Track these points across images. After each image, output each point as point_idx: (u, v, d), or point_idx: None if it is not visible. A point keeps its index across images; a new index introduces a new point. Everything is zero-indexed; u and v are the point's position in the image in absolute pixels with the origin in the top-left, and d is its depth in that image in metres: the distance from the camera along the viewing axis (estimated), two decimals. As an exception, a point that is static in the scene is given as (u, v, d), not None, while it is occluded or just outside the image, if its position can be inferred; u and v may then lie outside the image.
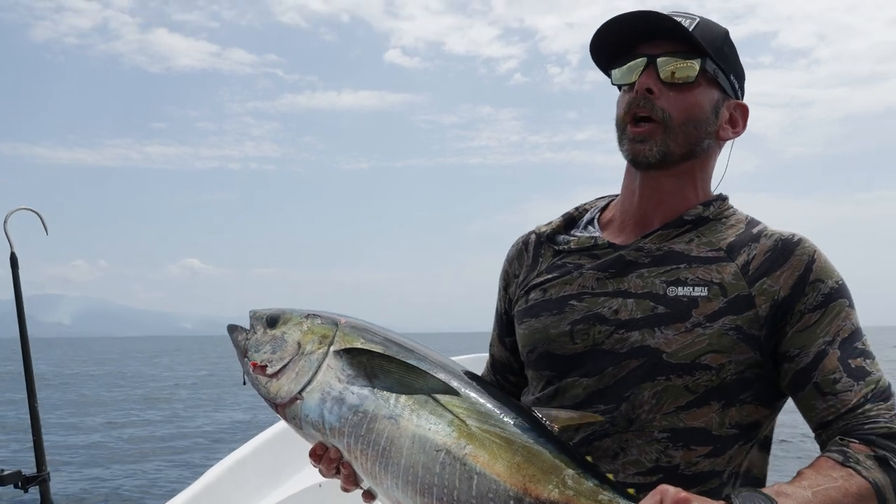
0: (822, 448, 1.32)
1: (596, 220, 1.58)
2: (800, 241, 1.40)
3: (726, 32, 1.48)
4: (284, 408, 1.42)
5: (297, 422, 1.42)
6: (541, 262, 1.57)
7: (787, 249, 1.39)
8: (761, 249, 1.40)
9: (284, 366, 1.43)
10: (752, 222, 1.48)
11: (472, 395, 1.35)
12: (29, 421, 3.24)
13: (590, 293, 1.45)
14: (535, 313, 1.51)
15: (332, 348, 1.42)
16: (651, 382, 1.36)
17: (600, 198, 1.65)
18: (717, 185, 1.53)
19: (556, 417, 1.33)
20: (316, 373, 1.41)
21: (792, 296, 1.36)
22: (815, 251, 1.39)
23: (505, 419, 1.31)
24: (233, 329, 1.53)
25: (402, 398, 1.34)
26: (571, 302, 1.46)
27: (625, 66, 1.46)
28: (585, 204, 1.65)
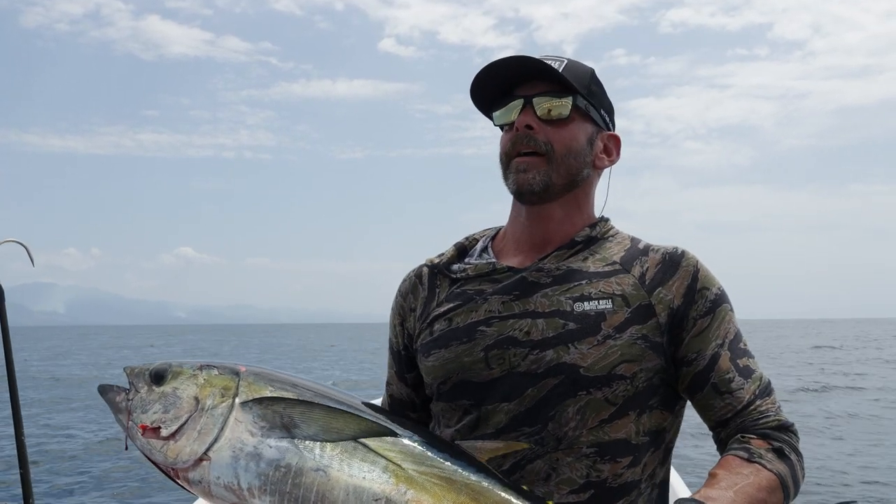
0: (721, 444, 1.45)
1: (489, 248, 1.63)
2: (683, 253, 1.51)
3: (592, 71, 1.58)
4: (187, 471, 1.29)
5: (204, 486, 1.28)
6: (438, 293, 1.59)
7: (674, 261, 1.50)
8: (652, 262, 1.50)
9: (182, 425, 1.30)
10: (634, 239, 1.58)
11: (402, 436, 1.29)
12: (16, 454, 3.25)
13: (498, 317, 1.48)
14: (444, 343, 1.51)
15: (237, 400, 1.31)
16: (573, 398, 1.40)
17: (488, 228, 1.70)
18: (602, 208, 1.63)
19: (482, 449, 1.32)
20: (223, 429, 1.29)
21: (685, 304, 1.46)
22: (697, 262, 1.51)
23: (439, 458, 1.26)
24: (106, 390, 1.40)
25: (328, 447, 1.26)
26: (481, 328, 1.48)
27: (504, 108, 1.55)
28: (475, 234, 1.70)
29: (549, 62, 1.51)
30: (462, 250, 1.66)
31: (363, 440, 1.27)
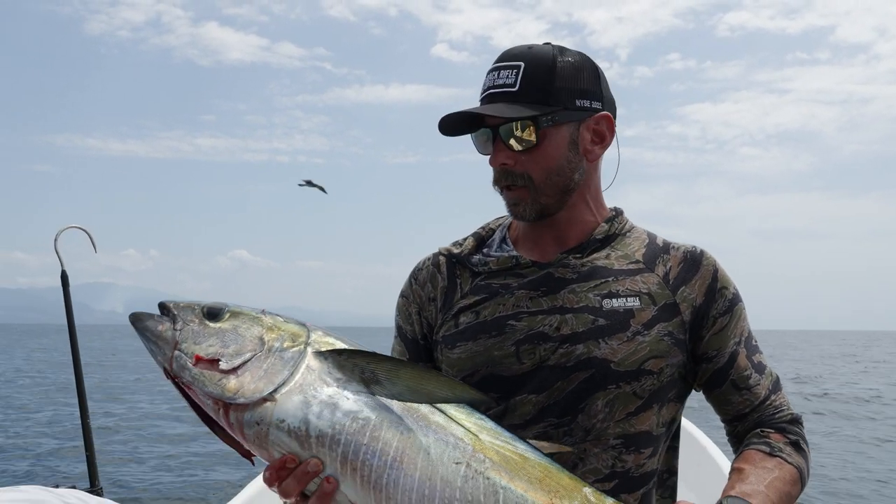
0: (736, 438, 1.53)
1: (507, 238, 1.61)
2: (703, 252, 1.54)
3: (553, 56, 1.47)
4: (244, 410, 1.21)
5: (260, 429, 1.20)
6: (460, 284, 1.58)
7: (695, 260, 1.53)
8: (675, 261, 1.53)
9: (245, 361, 1.23)
10: (651, 234, 1.59)
11: (474, 411, 1.27)
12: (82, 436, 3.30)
13: (526, 312, 1.48)
14: (471, 336, 1.50)
15: (309, 348, 1.25)
16: (603, 392, 1.43)
17: (501, 217, 1.66)
18: (614, 176, 1.59)
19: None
20: (293, 373, 1.22)
21: (706, 302, 1.50)
22: (716, 261, 1.54)
23: (509, 436, 1.26)
24: (143, 317, 1.29)
25: (409, 407, 1.22)
26: (510, 322, 1.48)
27: (476, 136, 1.52)
28: (490, 222, 1.67)
29: (504, 73, 1.46)
30: (480, 241, 1.63)
31: (439, 405, 1.24)
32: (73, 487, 3.08)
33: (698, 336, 1.50)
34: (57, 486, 3.08)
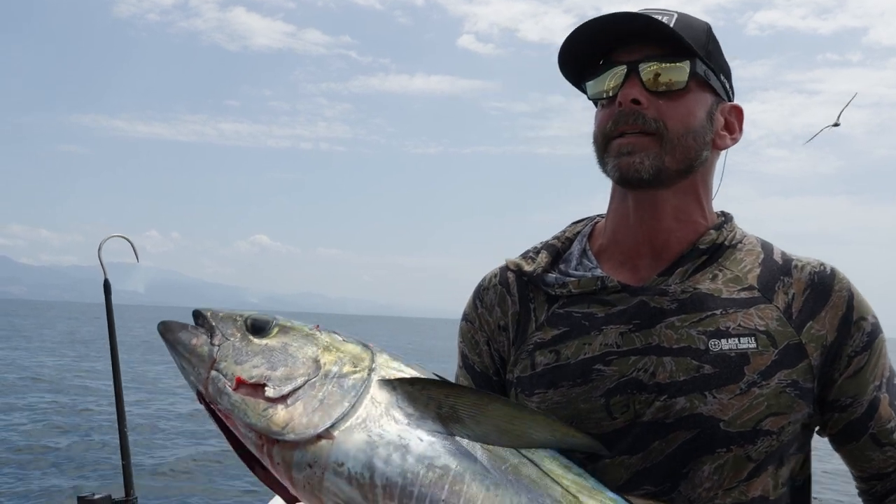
0: (874, 499, 1.31)
1: (589, 252, 1.35)
2: (833, 273, 1.27)
3: (709, 27, 1.30)
4: (294, 448, 1.00)
5: (313, 473, 0.99)
6: (534, 310, 1.32)
7: (825, 285, 1.26)
8: (799, 287, 1.26)
9: (297, 388, 1.02)
10: (766, 245, 1.32)
11: (567, 460, 1.09)
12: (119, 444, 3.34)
13: (616, 353, 1.23)
14: (552, 382, 1.25)
15: (374, 375, 1.05)
16: (710, 456, 1.20)
17: (579, 221, 1.42)
18: (713, 197, 1.35)
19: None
20: (355, 405, 1.01)
21: (839, 339, 1.24)
22: (850, 285, 1.27)
23: (610, 497, 1.08)
24: (175, 328, 1.10)
25: (495, 454, 1.02)
26: (597, 366, 1.23)
27: (601, 77, 1.27)
28: (566, 231, 1.40)
29: (657, 17, 1.23)
30: (556, 255, 1.36)
31: (527, 453, 1.04)
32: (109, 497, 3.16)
33: (829, 380, 1.24)
34: (93, 496, 3.16)
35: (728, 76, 1.33)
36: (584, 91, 1.32)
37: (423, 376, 1.08)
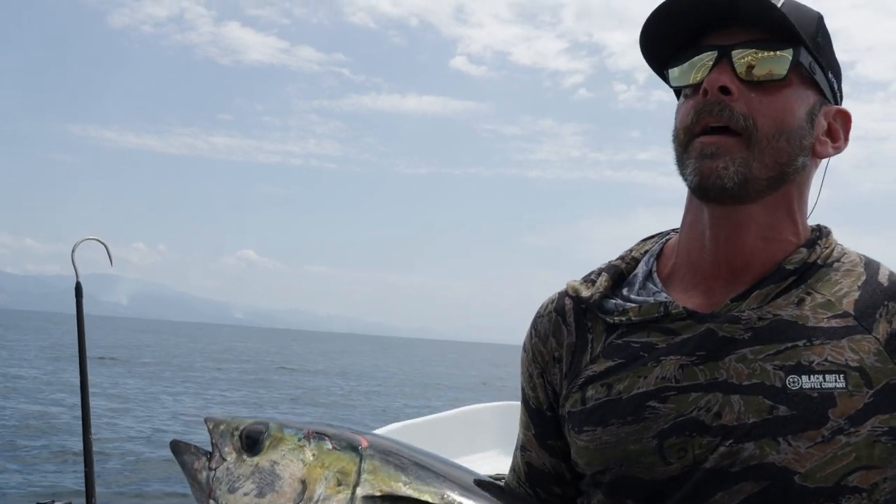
0: None
1: (654, 274, 1.17)
2: None
3: (820, 17, 1.10)
4: None
5: None
6: (591, 341, 1.15)
7: None
8: None
9: None
10: (869, 264, 1.10)
11: None
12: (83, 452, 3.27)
13: (675, 388, 1.05)
14: (602, 419, 1.09)
15: (359, 491, 1.00)
16: None
17: (648, 239, 1.25)
18: (810, 213, 1.15)
19: None
20: None
21: None
22: None
23: None
24: (182, 449, 1.12)
25: None
26: (651, 403, 1.06)
27: (687, 63, 1.09)
28: (633, 249, 1.23)
29: None
30: (619, 277, 1.19)
31: None
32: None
33: None
34: (53, 502, 3.08)
35: (838, 76, 1.14)
36: (666, 78, 1.14)
37: (410, 492, 1.00)
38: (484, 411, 4.72)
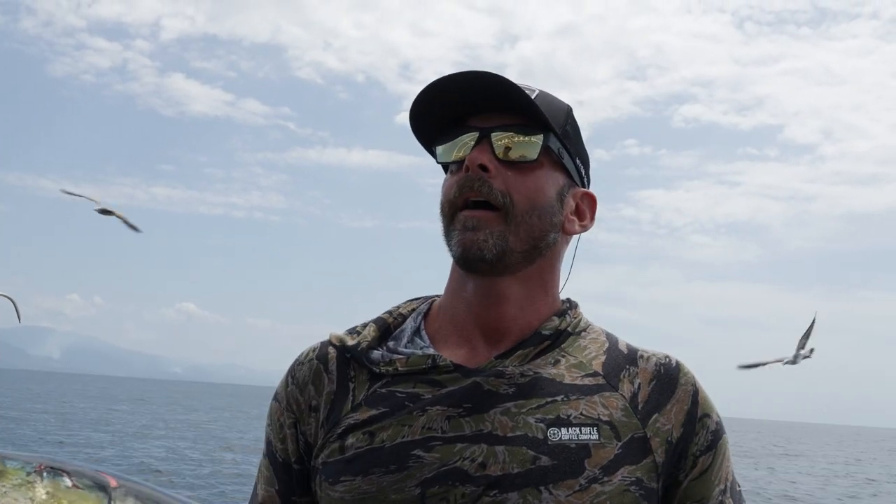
0: None
1: (423, 331, 1.20)
2: (679, 366, 1.16)
3: (569, 109, 1.21)
4: None
5: None
6: (353, 389, 1.14)
7: (670, 377, 1.14)
8: (645, 377, 1.14)
9: None
10: (610, 336, 1.21)
11: None
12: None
13: (440, 438, 1.06)
14: (363, 468, 1.07)
15: None
16: None
17: (414, 299, 1.28)
18: (563, 287, 1.24)
19: None
20: None
21: (684, 436, 1.12)
22: (696, 380, 1.16)
23: None
24: None
25: None
26: (416, 452, 1.06)
27: (451, 142, 1.17)
28: (401, 306, 1.25)
29: (520, 86, 1.15)
30: (386, 330, 1.20)
31: None
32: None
33: (674, 481, 1.12)
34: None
35: (585, 162, 1.24)
36: (434, 155, 1.21)
37: None
38: None
